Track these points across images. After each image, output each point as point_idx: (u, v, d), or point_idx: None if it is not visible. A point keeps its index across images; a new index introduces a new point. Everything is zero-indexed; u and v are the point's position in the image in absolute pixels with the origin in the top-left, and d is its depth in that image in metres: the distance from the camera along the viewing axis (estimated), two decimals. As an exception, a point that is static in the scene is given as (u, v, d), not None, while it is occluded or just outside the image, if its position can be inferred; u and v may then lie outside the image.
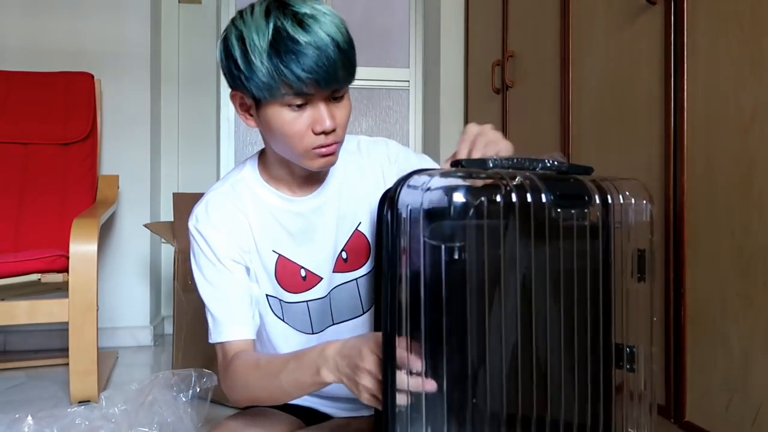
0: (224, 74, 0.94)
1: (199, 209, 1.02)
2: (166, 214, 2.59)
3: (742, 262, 1.14)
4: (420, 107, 3.01)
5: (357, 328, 1.07)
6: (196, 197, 1.22)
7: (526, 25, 2.14)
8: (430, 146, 2.84)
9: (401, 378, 0.72)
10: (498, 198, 0.69)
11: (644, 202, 0.82)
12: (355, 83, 0.98)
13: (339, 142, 0.95)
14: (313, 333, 1.07)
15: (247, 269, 1.03)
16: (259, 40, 0.87)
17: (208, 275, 1.00)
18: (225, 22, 2.88)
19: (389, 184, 0.89)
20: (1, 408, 1.66)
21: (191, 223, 1.02)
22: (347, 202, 1.05)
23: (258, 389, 0.94)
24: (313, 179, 1.03)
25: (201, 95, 2.77)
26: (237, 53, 0.89)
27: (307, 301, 1.05)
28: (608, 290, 0.80)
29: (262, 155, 1.06)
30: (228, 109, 2.87)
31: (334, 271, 1.05)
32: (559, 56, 1.84)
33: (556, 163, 0.80)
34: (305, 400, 1.14)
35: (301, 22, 0.87)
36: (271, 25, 0.87)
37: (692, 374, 1.26)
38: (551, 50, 1.89)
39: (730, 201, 1.17)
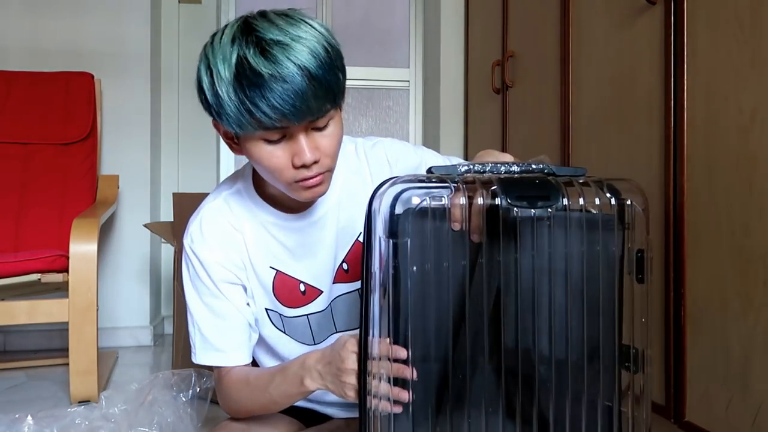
0: (204, 109, 0.89)
1: (193, 228, 0.99)
2: (166, 214, 2.59)
3: (742, 262, 1.14)
4: (420, 107, 3.01)
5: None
6: (196, 197, 1.21)
7: (526, 25, 2.14)
8: (429, 146, 2.83)
9: (385, 366, 0.75)
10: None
11: (629, 202, 0.81)
12: (355, 83, 0.97)
13: (329, 171, 0.90)
14: (314, 343, 1.06)
15: (244, 288, 1.01)
16: (224, 71, 0.81)
17: (205, 299, 0.99)
18: (225, 23, 2.89)
19: None
20: (1, 408, 1.66)
21: (186, 242, 0.99)
22: (348, 212, 1.01)
23: (250, 403, 0.98)
24: None
25: (201, 95, 2.77)
26: (206, 85, 0.84)
27: (307, 315, 1.04)
28: (587, 289, 0.81)
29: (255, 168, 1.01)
30: (228, 109, 2.87)
31: (334, 282, 1.03)
32: (559, 56, 1.84)
33: (540, 165, 0.80)
34: (305, 402, 1.14)
35: (264, 50, 0.80)
36: (235, 55, 0.81)
37: (692, 374, 1.26)
38: (551, 50, 1.89)
39: (730, 201, 1.17)
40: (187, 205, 1.79)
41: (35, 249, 1.90)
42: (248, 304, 1.02)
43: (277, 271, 1.01)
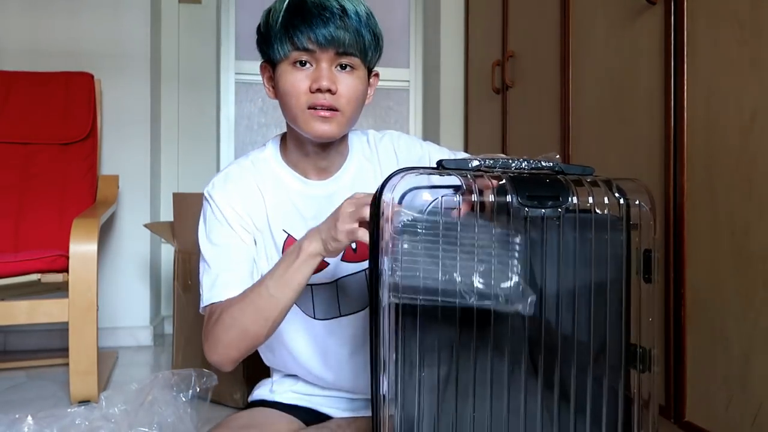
0: (257, 47, 1.04)
1: (217, 178, 1.06)
2: (166, 214, 2.59)
3: (742, 262, 1.14)
4: (420, 107, 3.01)
5: (365, 319, 1.08)
6: (196, 197, 1.22)
7: (526, 25, 2.14)
8: (430, 146, 2.84)
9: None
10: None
11: (636, 201, 0.81)
12: (355, 83, 0.99)
13: (341, 113, 0.98)
14: (315, 318, 1.09)
15: (255, 242, 1.05)
16: (280, 6, 0.97)
17: (214, 238, 1.02)
18: (225, 22, 2.89)
19: None
20: (1, 408, 1.66)
21: (207, 189, 1.06)
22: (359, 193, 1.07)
23: (245, 314, 0.92)
24: (327, 166, 1.06)
25: (201, 95, 2.77)
26: (263, 22, 1.01)
27: (311, 285, 1.07)
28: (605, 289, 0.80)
29: (283, 139, 1.10)
30: (228, 109, 2.87)
31: (342, 260, 1.08)
32: (559, 56, 1.84)
33: (550, 163, 0.80)
34: (306, 401, 1.14)
35: None
36: None
37: (692, 374, 1.26)
38: (551, 50, 1.89)
39: (730, 201, 1.17)
40: (187, 205, 1.79)
41: (35, 249, 1.90)
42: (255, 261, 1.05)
43: (289, 234, 1.06)
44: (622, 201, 0.80)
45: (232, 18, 2.89)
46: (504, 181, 0.76)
